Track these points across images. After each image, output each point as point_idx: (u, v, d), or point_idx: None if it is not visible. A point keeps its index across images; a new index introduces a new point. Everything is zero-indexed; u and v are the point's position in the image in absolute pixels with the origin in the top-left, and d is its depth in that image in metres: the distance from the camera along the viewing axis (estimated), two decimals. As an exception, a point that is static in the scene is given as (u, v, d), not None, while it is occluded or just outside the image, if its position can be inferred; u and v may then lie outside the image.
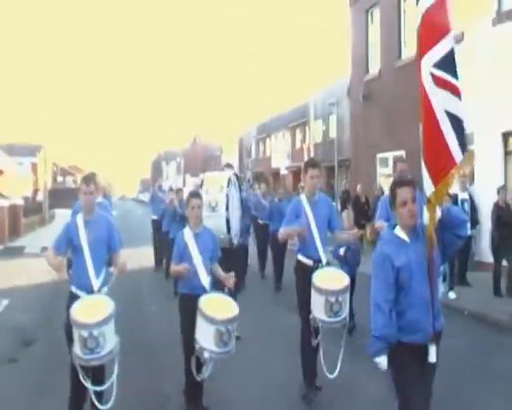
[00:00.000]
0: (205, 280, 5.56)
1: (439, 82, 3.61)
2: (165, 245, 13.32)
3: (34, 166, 52.38)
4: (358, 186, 17.65)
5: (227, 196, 7.64)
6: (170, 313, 8.81)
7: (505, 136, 13.31)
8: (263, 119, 50.74)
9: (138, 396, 6.06)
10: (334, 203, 5.99)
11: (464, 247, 10.58)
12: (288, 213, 6.29)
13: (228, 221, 7.25)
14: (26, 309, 9.64)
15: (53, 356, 7.23)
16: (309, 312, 5.82)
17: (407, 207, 3.72)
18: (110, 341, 4.88)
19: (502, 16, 13.05)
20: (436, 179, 3.65)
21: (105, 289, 5.30)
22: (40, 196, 36.89)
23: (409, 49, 17.35)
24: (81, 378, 4.88)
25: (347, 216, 8.94)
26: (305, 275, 5.96)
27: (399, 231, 3.82)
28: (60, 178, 67.81)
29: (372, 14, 20.19)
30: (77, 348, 4.81)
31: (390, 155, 18.36)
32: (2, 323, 9.32)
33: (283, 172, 42.86)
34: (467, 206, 11.36)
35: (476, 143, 13.35)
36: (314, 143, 36.16)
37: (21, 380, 6.56)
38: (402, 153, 17.05)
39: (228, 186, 7.75)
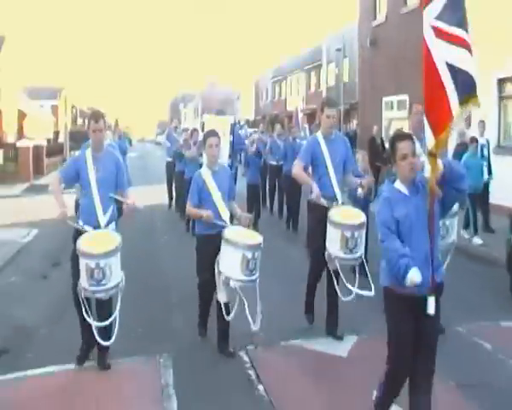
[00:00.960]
0: (225, 215, 5.56)
1: (440, 34, 3.57)
2: (178, 186, 13.57)
3: (55, 109, 53.18)
4: (374, 128, 17.34)
5: (230, 142, 7.71)
6: (181, 247, 9.80)
7: (500, 82, 13.98)
8: (278, 62, 50.90)
9: (147, 329, 6.29)
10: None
11: (484, 193, 10.92)
12: (303, 150, 6.23)
13: (230, 167, 7.04)
14: (52, 237, 10.75)
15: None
16: (318, 250, 5.84)
17: (407, 160, 3.73)
18: (116, 274, 4.94)
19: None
20: (437, 131, 3.63)
21: (112, 225, 5.34)
22: (61, 138, 38.03)
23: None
24: (84, 314, 4.98)
25: (362, 157, 8.85)
26: (318, 213, 5.90)
27: (399, 185, 3.84)
28: (79, 121, 68.56)
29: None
30: (83, 280, 4.88)
31: (395, 99, 19.15)
32: (33, 248, 10.64)
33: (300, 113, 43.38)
34: (485, 151, 11.18)
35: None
36: (327, 87, 36.58)
37: (51, 293, 7.69)
38: (405, 97, 17.80)
39: (230, 133, 7.83)
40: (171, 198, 15.25)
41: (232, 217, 5.81)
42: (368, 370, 4.86)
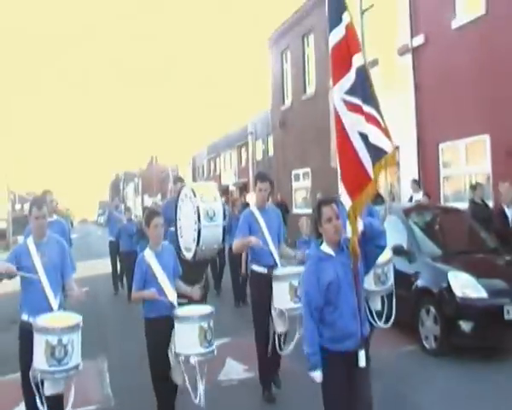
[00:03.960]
0: (172, 298, 5.30)
1: (351, 107, 3.83)
2: (123, 266, 13.49)
3: None
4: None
5: (223, 205, 7.54)
6: (133, 334, 8.88)
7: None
8: (212, 140, 54.29)
9: None
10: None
11: None
12: (240, 225, 6.36)
13: (224, 231, 7.06)
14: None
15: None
16: (264, 324, 6.03)
17: (332, 223, 3.90)
18: (77, 354, 4.60)
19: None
20: (353, 195, 3.83)
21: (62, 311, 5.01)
22: (3, 224, 39.44)
23: (311, 86, 21.29)
24: (38, 404, 4.53)
25: (306, 223, 9.14)
26: (260, 284, 6.10)
27: (325, 247, 3.98)
28: (18, 206, 68.46)
29: (286, 55, 24.06)
30: (40, 362, 4.46)
31: (301, 172, 22.36)
32: None
33: (231, 188, 46.37)
34: None
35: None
36: (256, 161, 39.84)
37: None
38: (308, 169, 21.06)
39: (221, 196, 7.53)
40: (116, 282, 14.35)
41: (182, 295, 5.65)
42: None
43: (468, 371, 6.63)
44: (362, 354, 3.84)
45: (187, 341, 5.00)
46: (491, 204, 11.36)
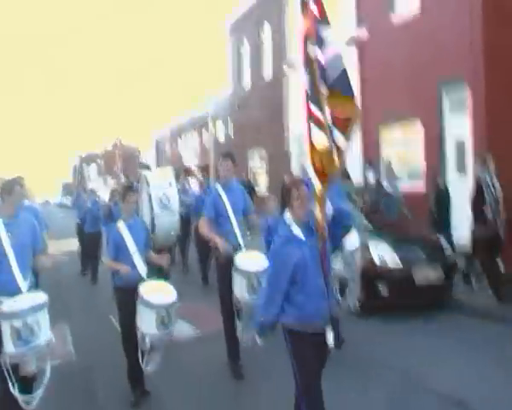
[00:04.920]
0: (142, 270, 5.64)
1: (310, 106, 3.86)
2: (88, 248, 13.52)
3: None
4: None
5: (179, 191, 7.58)
6: (95, 307, 10.47)
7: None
8: (175, 122, 54.66)
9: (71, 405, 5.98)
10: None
11: None
12: (207, 204, 6.47)
13: (181, 217, 7.11)
14: None
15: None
16: (229, 300, 6.15)
17: (301, 203, 3.94)
18: (45, 332, 4.59)
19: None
20: (322, 177, 3.84)
21: (31, 292, 4.89)
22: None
23: (266, 72, 22.23)
24: (9, 386, 4.48)
25: (273, 200, 8.98)
26: (225, 263, 6.19)
27: (295, 228, 3.98)
28: None
29: (243, 43, 24.94)
30: (8, 345, 4.45)
31: (256, 153, 23.46)
32: None
33: (193, 168, 47.06)
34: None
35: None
36: (217, 143, 40.57)
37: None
38: (264, 151, 22.12)
39: (177, 181, 7.61)
40: (84, 262, 14.36)
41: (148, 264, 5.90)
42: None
43: (392, 327, 7.72)
44: (330, 334, 3.89)
45: (145, 321, 5.36)
46: (423, 182, 12.66)
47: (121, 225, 5.78)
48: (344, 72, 3.73)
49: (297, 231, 3.96)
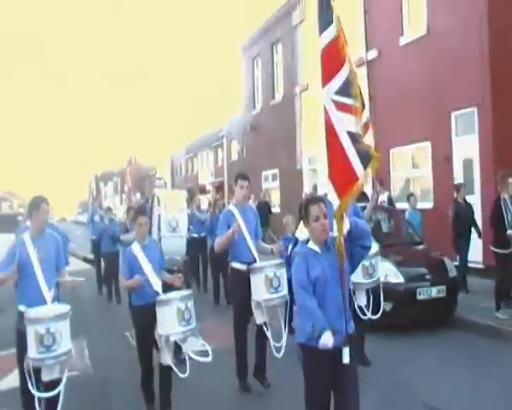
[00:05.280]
0: (157, 286, 5.75)
1: (340, 107, 3.85)
2: (106, 268, 13.30)
3: None
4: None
5: (189, 216, 7.69)
6: (111, 323, 10.53)
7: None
8: (190, 140, 55.35)
9: None
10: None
11: None
12: (220, 224, 6.51)
13: (188, 242, 7.07)
14: None
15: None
16: (242, 318, 6.27)
17: (319, 222, 3.90)
18: (66, 341, 4.88)
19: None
20: (341, 193, 3.84)
21: (56, 303, 5.27)
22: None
23: (279, 92, 22.62)
24: (29, 387, 4.79)
25: (291, 221, 9.22)
26: (240, 281, 6.24)
27: (312, 245, 3.99)
28: None
29: (257, 62, 25.35)
30: (31, 350, 4.76)
31: (269, 173, 23.76)
32: None
33: (208, 187, 47.51)
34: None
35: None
36: (231, 161, 41.01)
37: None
38: (276, 170, 22.44)
39: (188, 207, 7.96)
40: (100, 281, 14.10)
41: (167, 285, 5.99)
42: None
43: (395, 342, 7.96)
44: (346, 351, 3.81)
45: (167, 322, 5.44)
46: (431, 205, 12.84)
47: (135, 247, 5.92)
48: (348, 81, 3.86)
49: (314, 247, 3.98)
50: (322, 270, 3.87)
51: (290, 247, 7.26)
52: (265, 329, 6.17)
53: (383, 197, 12.73)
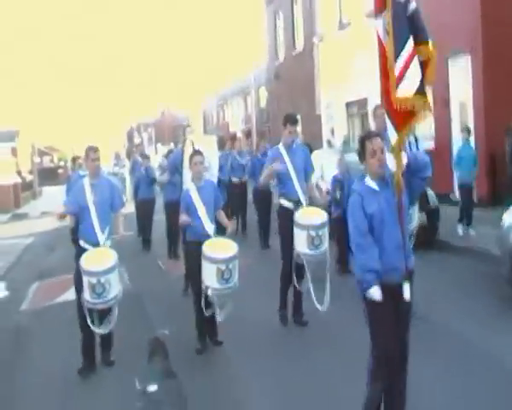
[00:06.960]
0: (209, 228, 5.98)
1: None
2: (140, 214, 13.49)
3: (14, 150, 56.28)
4: None
5: (219, 158, 8.22)
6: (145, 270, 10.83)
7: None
8: (221, 89, 56.34)
9: (133, 342, 6.24)
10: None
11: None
12: (267, 160, 6.76)
13: (219, 182, 7.30)
14: (41, 245, 15.28)
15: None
16: (290, 252, 6.35)
17: (376, 157, 3.82)
18: (114, 288, 5.54)
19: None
20: (399, 127, 3.75)
21: (108, 242, 5.86)
22: (30, 176, 42.56)
23: (299, 43, 23.74)
24: (88, 322, 5.54)
25: (339, 161, 9.34)
26: (286, 217, 6.45)
27: (369, 181, 3.91)
28: (37, 159, 69.92)
29: (279, 14, 26.42)
30: (86, 294, 5.47)
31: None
32: (32, 249, 15.15)
33: (239, 134, 48.80)
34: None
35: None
36: (259, 108, 42.06)
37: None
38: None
39: (222, 149, 8.82)
40: (140, 226, 13.94)
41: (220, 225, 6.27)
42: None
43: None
44: (407, 287, 3.79)
45: (207, 275, 5.78)
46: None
47: (191, 188, 6.18)
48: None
49: (372, 183, 3.91)
50: (379, 208, 3.83)
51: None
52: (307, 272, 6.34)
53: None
